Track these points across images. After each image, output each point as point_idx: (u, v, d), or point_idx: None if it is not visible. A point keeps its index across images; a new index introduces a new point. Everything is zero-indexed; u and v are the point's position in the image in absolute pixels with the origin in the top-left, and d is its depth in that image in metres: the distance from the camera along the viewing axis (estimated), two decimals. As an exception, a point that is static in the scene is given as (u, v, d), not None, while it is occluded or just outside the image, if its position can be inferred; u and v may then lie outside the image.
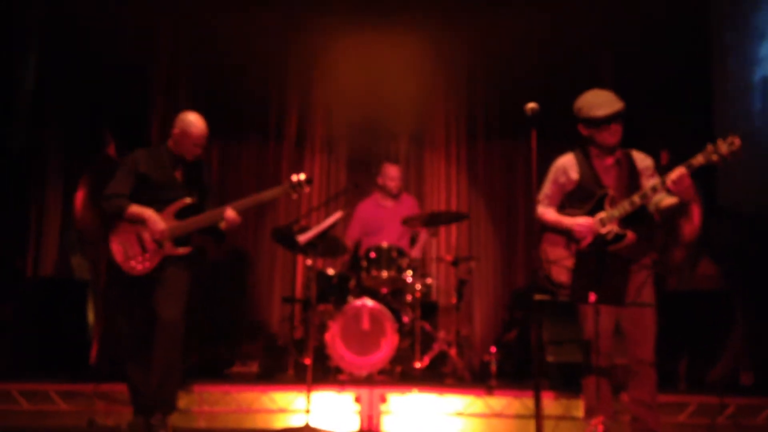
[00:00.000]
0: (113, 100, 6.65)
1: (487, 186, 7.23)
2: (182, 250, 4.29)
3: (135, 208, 4.27)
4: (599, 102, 3.84)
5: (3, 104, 6.23)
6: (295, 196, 4.45)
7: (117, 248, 4.28)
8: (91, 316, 6.14)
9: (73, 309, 6.12)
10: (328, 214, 5.49)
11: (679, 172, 3.57)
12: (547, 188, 4.11)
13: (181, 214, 4.32)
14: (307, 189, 4.45)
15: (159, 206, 4.29)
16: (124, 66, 6.66)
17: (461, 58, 7.11)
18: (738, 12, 6.64)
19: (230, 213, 4.30)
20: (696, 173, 3.61)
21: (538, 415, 3.43)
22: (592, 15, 6.68)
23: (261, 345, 6.31)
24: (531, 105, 3.56)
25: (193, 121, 4.36)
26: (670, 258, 6.26)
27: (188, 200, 4.33)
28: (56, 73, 6.69)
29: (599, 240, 3.79)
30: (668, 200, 3.77)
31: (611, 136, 3.86)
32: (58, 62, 6.65)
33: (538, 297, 3.50)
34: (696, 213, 6.27)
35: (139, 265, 4.23)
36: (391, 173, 6.34)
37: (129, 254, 4.25)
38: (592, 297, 3.46)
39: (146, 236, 4.25)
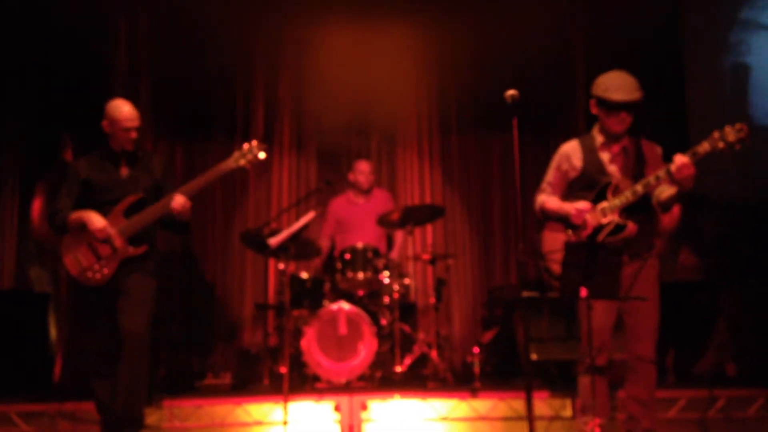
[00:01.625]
0: (71, 102, 6.35)
1: (462, 181, 7.04)
2: (136, 250, 4.02)
3: (74, 215, 4.03)
4: (618, 85, 3.64)
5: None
6: (248, 165, 4.10)
7: (70, 262, 4.03)
8: (53, 331, 5.84)
9: (33, 323, 5.81)
10: (299, 215, 5.27)
11: (682, 159, 3.41)
12: (549, 176, 3.94)
13: (132, 211, 4.05)
14: (261, 154, 4.10)
15: (108, 208, 4.04)
16: (82, 66, 6.38)
17: (431, 49, 6.89)
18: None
19: (177, 198, 3.98)
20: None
21: (530, 417, 3.27)
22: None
23: (233, 354, 6.07)
24: (511, 92, 3.41)
25: (118, 104, 4.12)
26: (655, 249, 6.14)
27: (136, 196, 4.07)
28: (9, 74, 6.39)
29: (600, 231, 3.62)
30: (669, 191, 3.63)
31: (618, 123, 3.68)
32: (10, 62, 6.36)
33: (526, 293, 3.29)
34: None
35: (96, 274, 3.98)
36: (362, 167, 6.18)
37: (84, 265, 4.00)
38: (584, 292, 3.27)
39: (96, 243, 4.00)
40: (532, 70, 6.53)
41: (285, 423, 4.18)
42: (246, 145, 4.13)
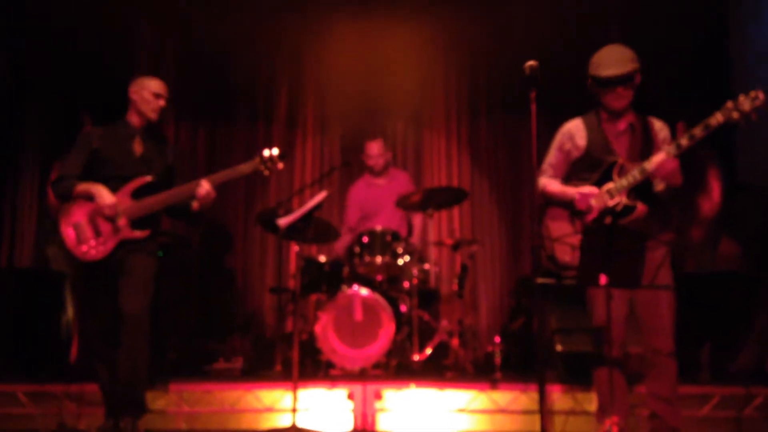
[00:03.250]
0: (94, 82, 6.28)
1: (491, 165, 6.82)
2: (139, 233, 3.90)
3: (83, 185, 3.91)
4: (608, 61, 3.46)
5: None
6: (267, 172, 4.03)
7: (68, 232, 3.92)
8: (70, 311, 5.77)
9: (51, 303, 5.74)
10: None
11: (658, 159, 3.25)
12: (551, 156, 3.71)
13: (140, 194, 3.93)
14: (280, 165, 4.03)
15: (115, 184, 3.91)
16: (105, 45, 6.33)
17: (463, 29, 6.67)
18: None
19: (205, 185, 3.90)
20: (715, 146, 3.23)
21: (542, 410, 3.08)
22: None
23: (249, 339, 5.92)
24: (530, 63, 3.25)
25: (149, 77, 4.10)
26: (688, 237, 5.83)
27: (147, 178, 3.96)
28: (34, 56, 6.36)
29: (607, 213, 3.37)
30: (658, 185, 3.45)
31: (616, 100, 3.48)
32: (35, 45, 6.32)
33: (540, 280, 3.06)
34: (716, 189, 5.84)
35: (92, 249, 3.85)
36: (371, 151, 5.95)
37: (81, 238, 3.88)
38: (603, 279, 3.03)
39: (100, 218, 3.86)
40: (567, 53, 6.21)
41: (294, 410, 4.00)
42: (266, 152, 4.01)
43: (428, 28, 6.54)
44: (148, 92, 4.02)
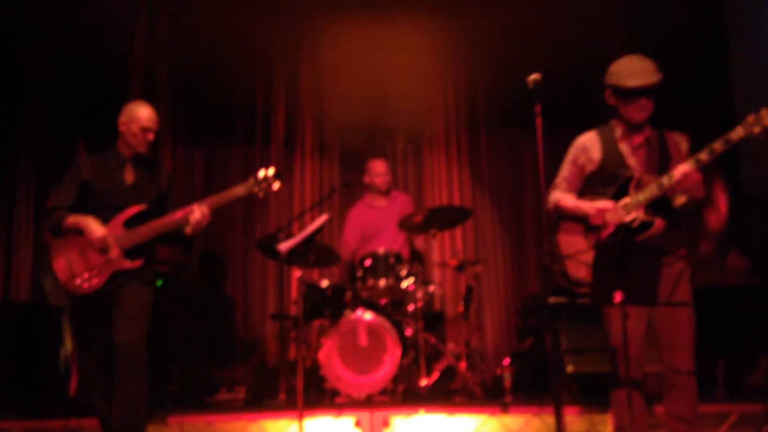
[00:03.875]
0: (88, 107, 6.20)
1: (492, 182, 6.70)
2: (131, 264, 3.80)
3: (72, 219, 3.82)
4: (632, 71, 3.36)
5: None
6: (261, 194, 3.97)
7: (61, 266, 3.83)
8: (68, 344, 5.64)
9: (48, 337, 5.62)
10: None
11: (682, 170, 3.15)
12: (565, 170, 3.60)
13: (132, 223, 3.85)
14: (275, 185, 3.96)
15: (107, 214, 3.84)
16: (99, 69, 6.24)
17: (460, 44, 6.60)
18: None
19: (199, 209, 3.82)
20: (718, 159, 3.14)
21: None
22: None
23: (251, 368, 5.79)
24: (533, 76, 3.22)
25: (139, 105, 4.01)
26: (697, 252, 5.73)
27: (139, 207, 3.87)
28: (28, 82, 6.27)
29: (623, 229, 3.26)
30: (680, 199, 3.32)
31: (639, 111, 3.37)
32: (29, 70, 6.23)
33: (552, 299, 2.95)
34: (722, 202, 5.77)
35: (85, 283, 3.77)
36: (377, 169, 5.86)
37: (74, 271, 3.79)
38: (618, 296, 2.92)
39: (91, 251, 3.78)
40: (566, 66, 6.15)
41: (300, 441, 3.88)
42: (262, 173, 3.95)
43: (426, 46, 6.47)
44: (136, 126, 3.94)
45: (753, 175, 6.03)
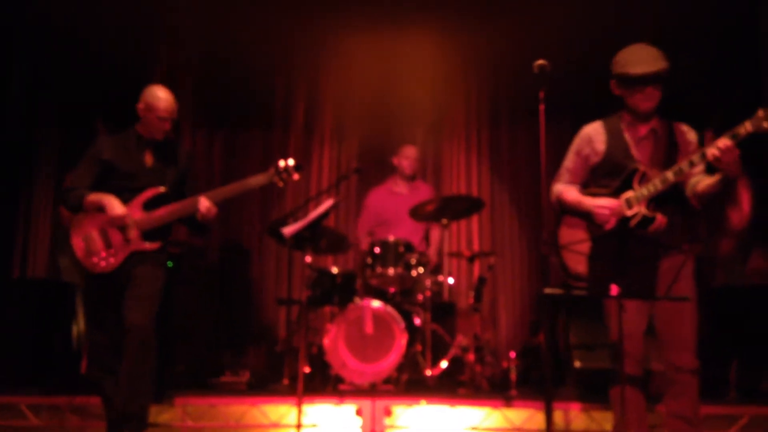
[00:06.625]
0: (110, 91, 6.24)
1: (511, 174, 6.62)
2: (150, 245, 3.81)
3: (94, 196, 3.82)
4: (638, 58, 3.26)
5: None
6: (281, 183, 3.96)
7: (79, 243, 3.84)
8: (82, 322, 5.70)
9: (63, 314, 5.69)
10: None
11: (723, 141, 2.97)
12: (568, 161, 3.53)
13: (151, 205, 3.85)
14: (295, 176, 3.95)
15: (127, 196, 3.84)
16: (121, 54, 6.27)
17: (483, 37, 6.47)
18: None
19: (204, 203, 3.83)
20: (742, 156, 3.00)
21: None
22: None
23: (259, 352, 5.79)
24: (539, 62, 3.16)
25: (158, 92, 3.92)
26: (717, 249, 5.59)
27: (159, 189, 3.87)
28: (51, 67, 6.34)
29: (624, 224, 3.18)
30: (706, 181, 3.18)
31: (645, 100, 3.27)
32: (53, 57, 6.30)
33: (548, 291, 2.88)
34: (745, 199, 5.61)
35: (102, 261, 3.78)
36: (408, 152, 5.84)
37: (91, 249, 3.80)
38: (614, 290, 2.84)
39: (110, 229, 3.79)
40: (588, 59, 6.01)
41: (299, 426, 3.85)
42: (282, 163, 3.93)
43: (447, 36, 6.37)
44: (154, 115, 3.90)
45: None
